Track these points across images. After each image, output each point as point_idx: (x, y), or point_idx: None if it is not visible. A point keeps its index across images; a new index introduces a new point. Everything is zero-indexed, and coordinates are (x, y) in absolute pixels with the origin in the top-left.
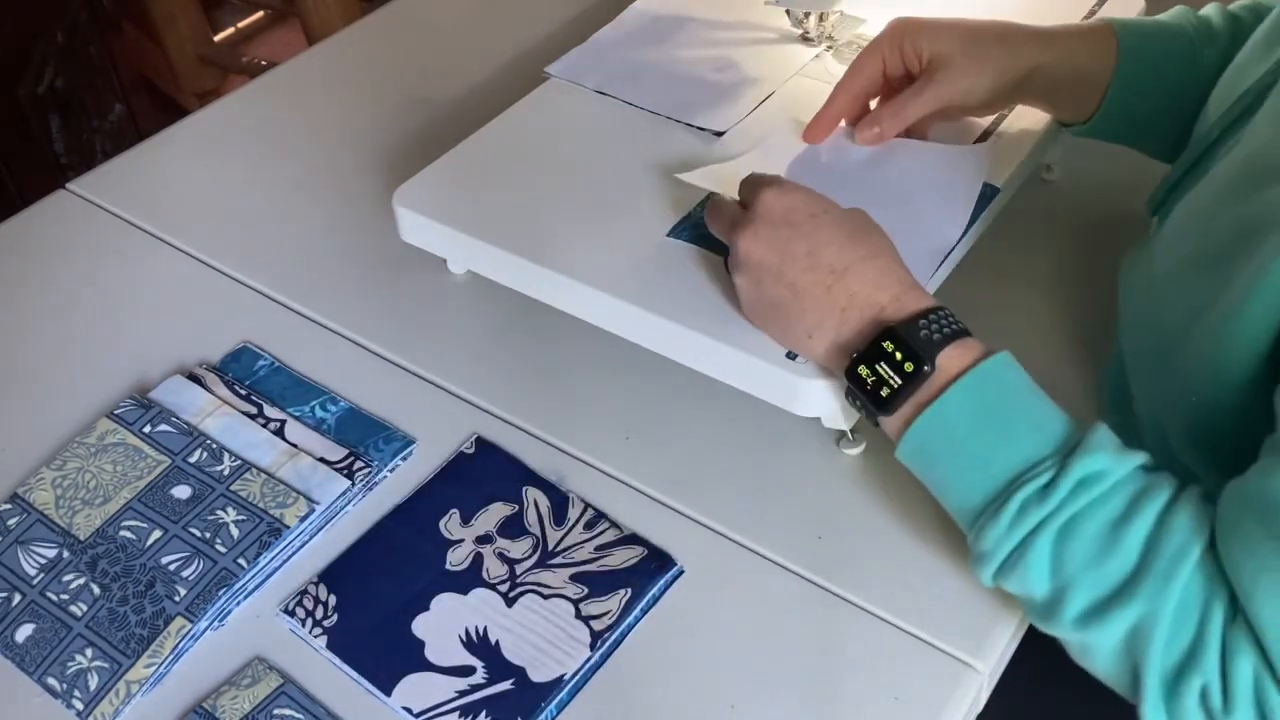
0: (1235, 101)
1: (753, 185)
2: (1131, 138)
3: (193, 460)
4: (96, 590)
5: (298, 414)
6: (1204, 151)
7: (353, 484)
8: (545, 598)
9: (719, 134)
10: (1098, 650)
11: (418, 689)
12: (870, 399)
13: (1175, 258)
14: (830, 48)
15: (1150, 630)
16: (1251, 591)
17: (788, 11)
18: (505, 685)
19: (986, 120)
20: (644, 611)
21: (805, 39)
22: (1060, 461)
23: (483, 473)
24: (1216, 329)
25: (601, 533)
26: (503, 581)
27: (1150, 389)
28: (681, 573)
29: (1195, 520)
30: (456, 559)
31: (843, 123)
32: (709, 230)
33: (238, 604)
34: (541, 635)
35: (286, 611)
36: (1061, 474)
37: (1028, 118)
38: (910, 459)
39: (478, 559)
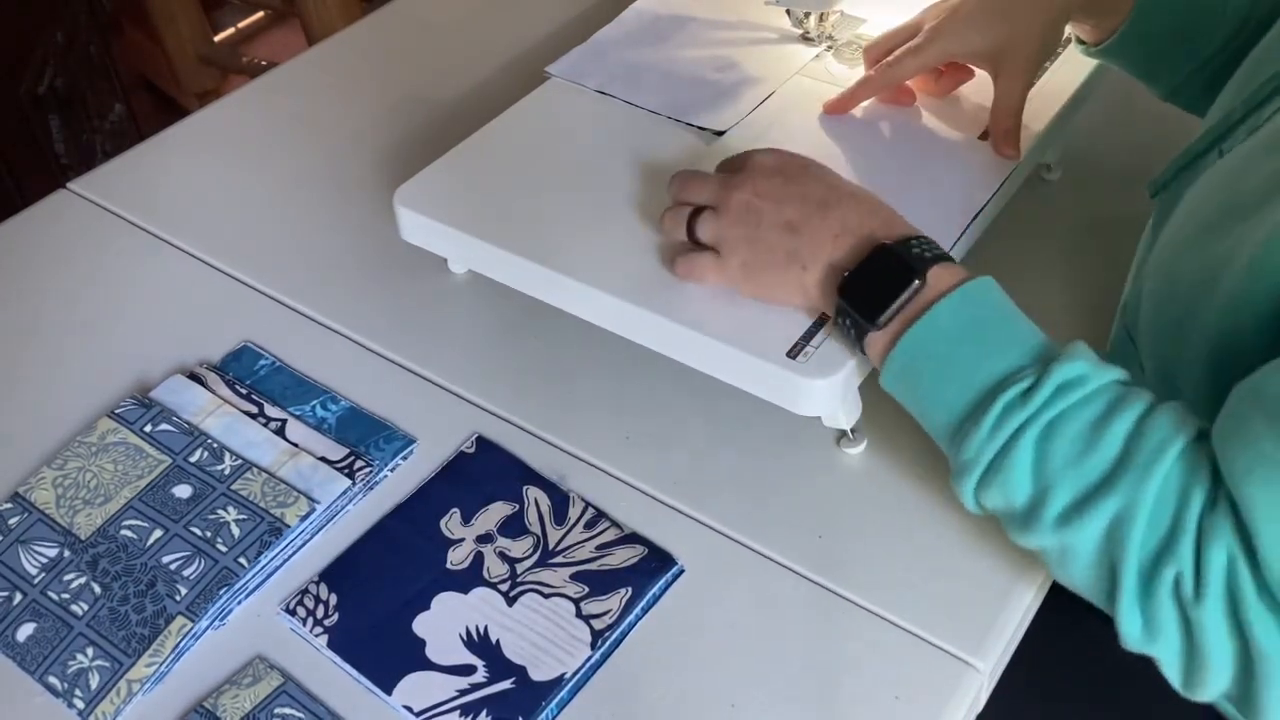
0: (1263, 85)
1: (737, 155)
2: (1143, 66)
3: (193, 460)
4: (97, 589)
5: (298, 413)
6: (1222, 134)
7: (353, 483)
8: (546, 597)
9: (719, 134)
10: (1077, 551)
11: (418, 688)
12: (861, 313)
13: (1196, 222)
14: (830, 48)
15: (1128, 522)
16: (1245, 477)
17: (788, 11)
18: (506, 684)
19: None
20: (644, 611)
21: (805, 39)
22: (1041, 368)
23: (483, 472)
24: (1249, 266)
25: (602, 532)
26: (503, 580)
27: (1164, 357)
28: (682, 572)
29: (1176, 420)
30: (457, 558)
31: (854, 111)
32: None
33: (239, 603)
34: (542, 634)
35: (287, 611)
36: (1043, 379)
37: (1036, 101)
38: (896, 377)
39: (478, 558)
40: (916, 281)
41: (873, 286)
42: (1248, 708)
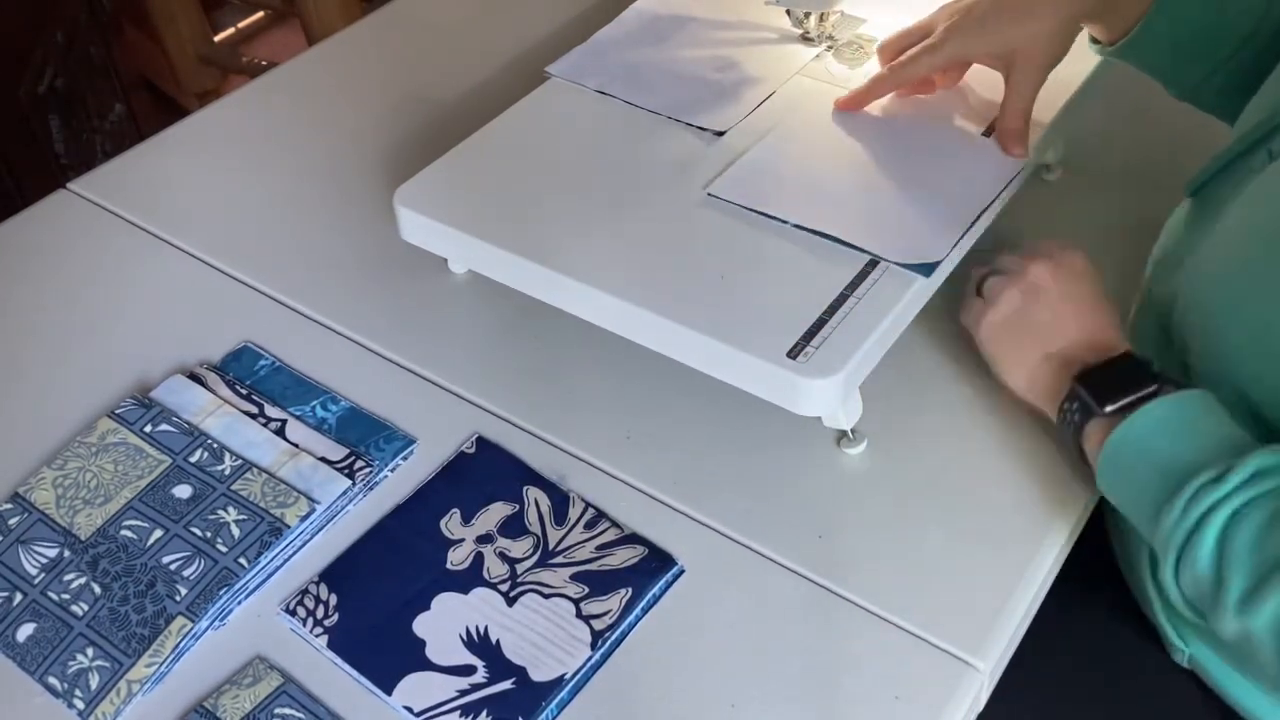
0: None
1: (1045, 244)
2: (1158, 67)
3: (194, 460)
4: (97, 590)
5: (298, 413)
6: (1267, 134)
7: (353, 483)
8: (546, 597)
9: (719, 134)
10: (1257, 635)
11: (418, 688)
12: (1094, 397)
13: (1262, 234)
14: (830, 48)
15: None
16: None
17: (788, 11)
18: (506, 684)
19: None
20: (644, 611)
21: (805, 39)
22: (1236, 459)
23: (483, 472)
24: None
25: (602, 532)
26: (503, 581)
27: (1221, 356)
28: (682, 572)
29: None
30: (457, 558)
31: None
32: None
33: (239, 603)
34: (542, 634)
35: (287, 611)
36: (1235, 466)
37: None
38: (1108, 466)
39: (478, 558)
40: (1156, 385)
41: (1114, 382)
42: None
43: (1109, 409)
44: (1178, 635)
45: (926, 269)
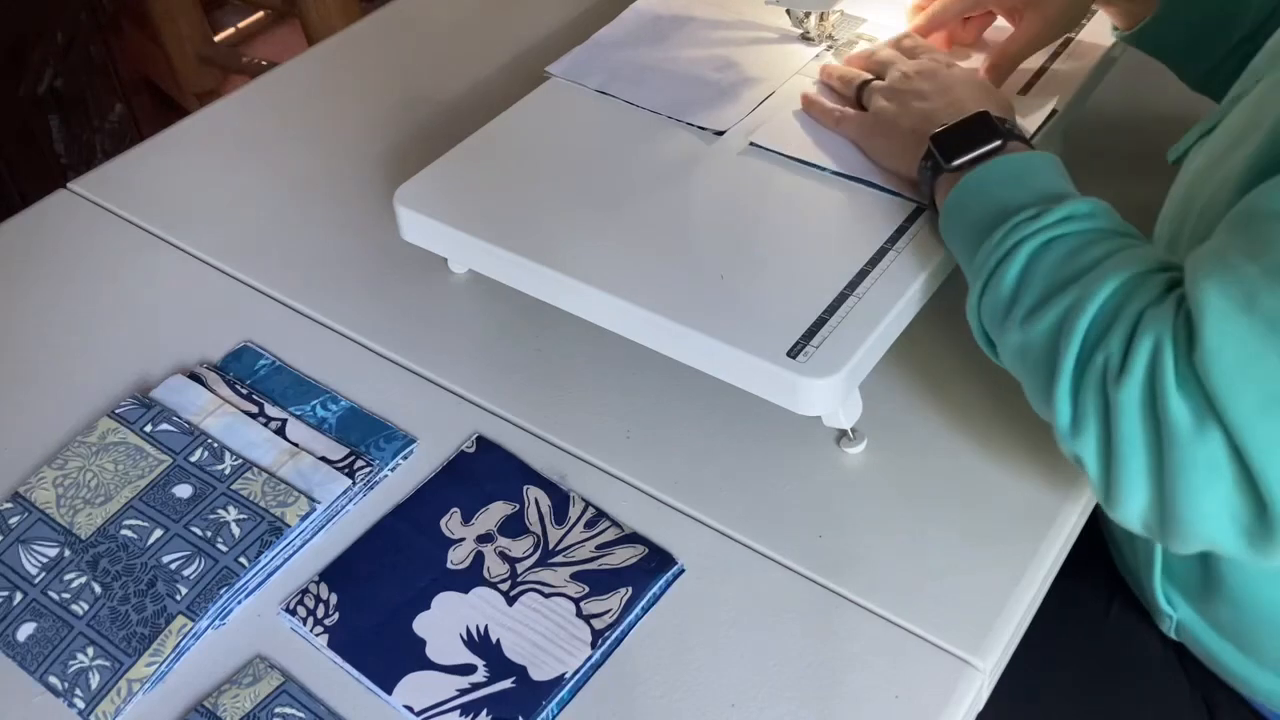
0: None
1: (922, 44)
2: (1176, 53)
3: (194, 459)
4: (98, 589)
5: (299, 413)
6: (1240, 96)
7: (354, 483)
8: (546, 596)
9: (719, 134)
10: (1033, 346)
11: (419, 687)
12: (942, 155)
13: (1217, 150)
14: (831, 48)
15: (1078, 313)
16: (1204, 279)
17: (788, 11)
18: (506, 684)
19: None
20: (645, 610)
21: (805, 39)
22: (1057, 202)
23: (484, 472)
24: (1271, 129)
25: (602, 531)
26: (504, 580)
27: None
28: (682, 571)
29: (1155, 254)
30: (457, 558)
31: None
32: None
33: (239, 603)
34: (542, 634)
35: (288, 610)
36: (1054, 207)
37: (1041, 95)
38: (947, 215)
39: (479, 558)
40: (999, 142)
41: (960, 139)
42: (1163, 515)
43: (955, 163)
44: (1167, 601)
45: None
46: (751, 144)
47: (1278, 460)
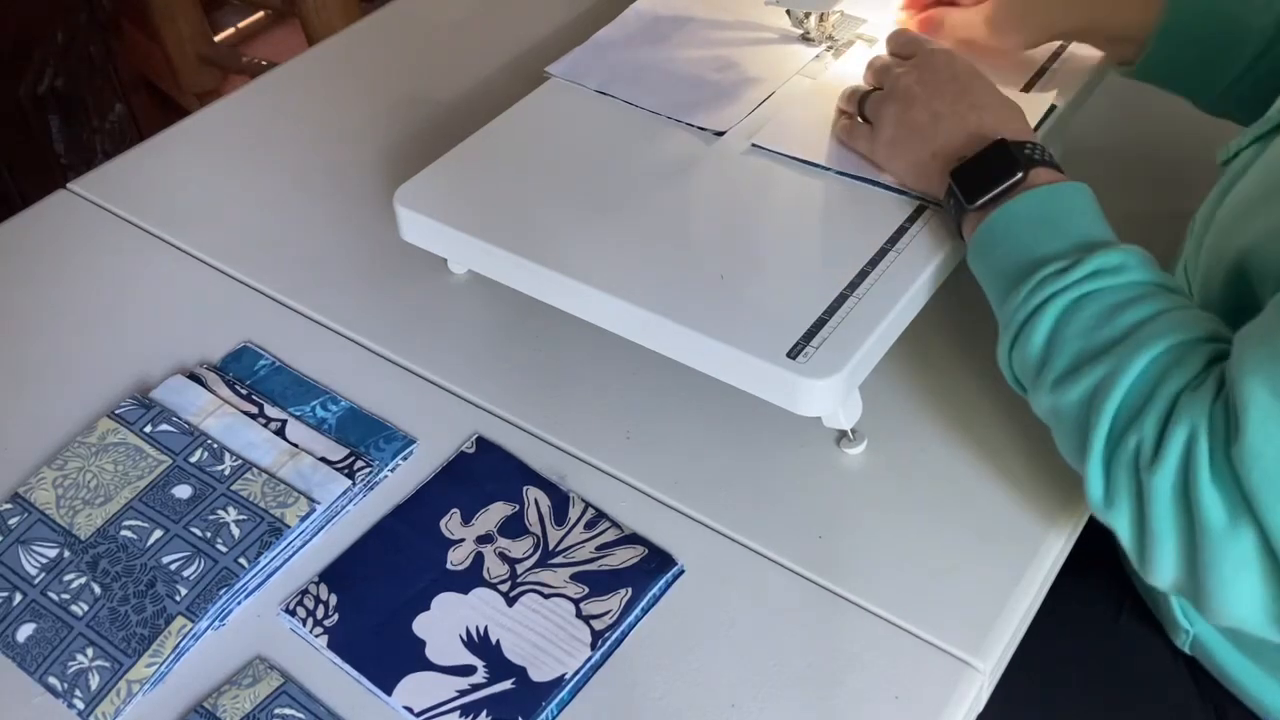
0: None
1: (914, 40)
2: (1176, 86)
3: (194, 460)
4: (97, 590)
5: (298, 414)
6: None
7: (353, 483)
8: (546, 597)
9: (719, 134)
10: (1064, 414)
11: (418, 688)
12: (964, 194)
13: (1269, 182)
14: (831, 48)
15: (1109, 387)
16: (1252, 370)
17: (788, 11)
18: (506, 685)
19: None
20: (644, 611)
21: (805, 39)
22: (1086, 253)
23: (483, 472)
24: None
25: (602, 532)
26: (503, 581)
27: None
28: (682, 572)
29: (1194, 318)
30: (457, 558)
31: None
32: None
33: (239, 603)
34: (542, 635)
35: (287, 611)
36: (1083, 260)
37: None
38: (975, 253)
39: (478, 558)
40: (1019, 174)
41: (980, 173)
42: (1194, 592)
43: (977, 204)
44: (1184, 616)
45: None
46: (753, 145)
47: None
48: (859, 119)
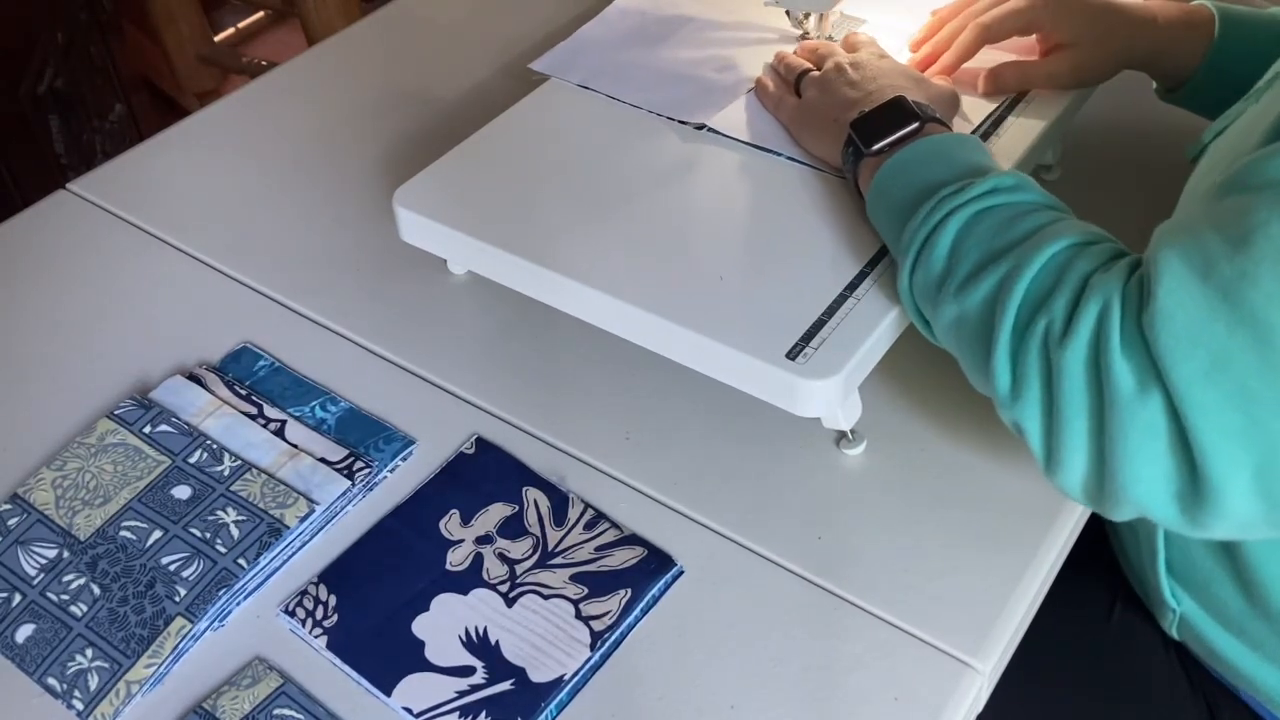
0: None
1: (822, 49)
2: (1214, 114)
3: (193, 460)
4: (97, 590)
5: (298, 414)
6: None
7: (353, 484)
8: (545, 598)
9: (699, 128)
10: (969, 317)
11: (418, 689)
12: (861, 140)
13: (1224, 157)
14: None
15: (1012, 280)
16: (1169, 243)
17: (787, 12)
18: (505, 685)
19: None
20: (644, 611)
21: (805, 39)
22: (981, 175)
23: (483, 473)
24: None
25: (601, 533)
26: (503, 582)
27: None
28: (681, 573)
29: (1095, 234)
30: (456, 559)
31: None
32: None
33: (238, 604)
34: (541, 635)
35: (287, 612)
36: (980, 180)
37: (1036, 101)
38: (873, 199)
39: (478, 559)
40: (916, 124)
41: (879, 124)
42: (1100, 479)
43: (875, 147)
44: (1172, 595)
45: None
46: (708, 129)
47: (1214, 427)
48: (790, 94)
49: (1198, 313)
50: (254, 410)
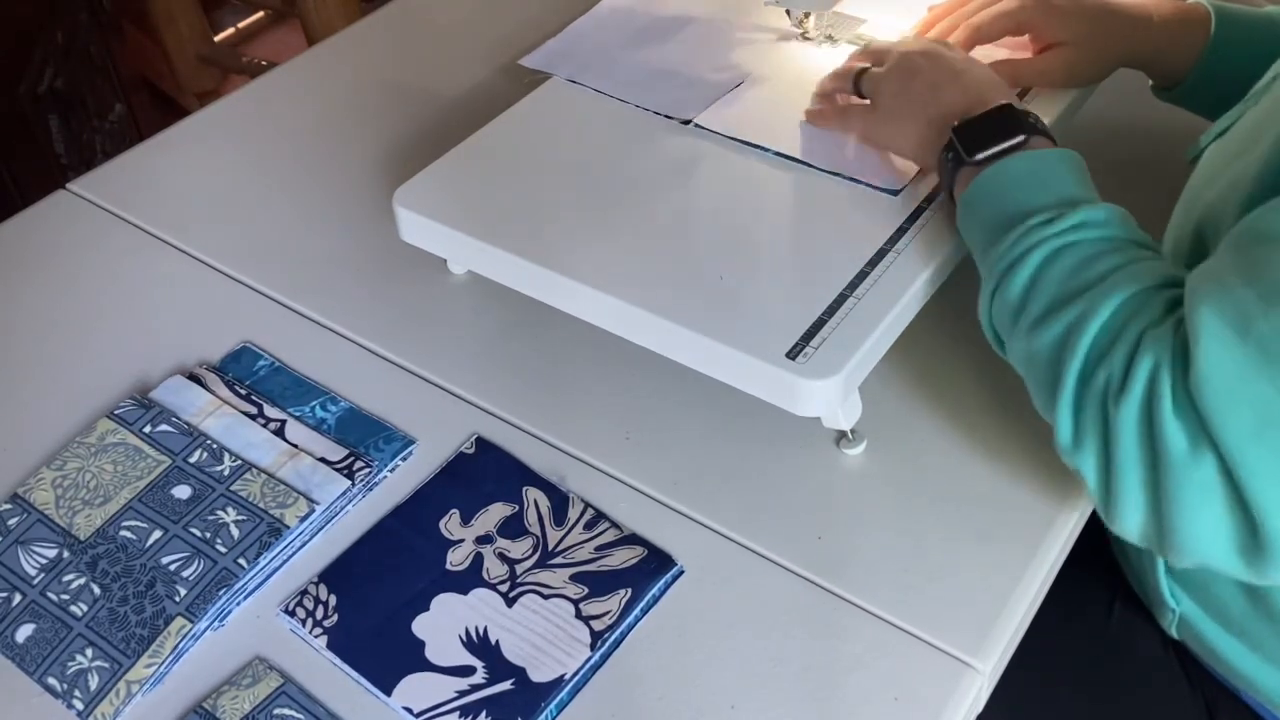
0: None
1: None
2: (1211, 113)
3: (193, 460)
4: (97, 590)
5: (298, 414)
6: (1257, 99)
7: (353, 484)
8: (545, 598)
9: (685, 123)
10: (1038, 358)
11: (418, 689)
12: (964, 147)
13: (1224, 155)
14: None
15: (1081, 329)
16: (1201, 299)
17: (787, 11)
18: (505, 685)
19: None
20: (644, 611)
21: (805, 39)
22: (1072, 207)
23: (483, 473)
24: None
25: (601, 533)
26: (503, 581)
27: None
28: (681, 573)
29: (1165, 268)
30: (457, 559)
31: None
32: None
33: (238, 604)
34: (542, 635)
35: (287, 611)
36: (1068, 214)
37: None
38: (963, 210)
39: (478, 559)
40: (1022, 137)
41: (984, 131)
42: (1159, 531)
43: (978, 157)
44: (1171, 595)
45: (893, 191)
46: (696, 125)
47: (1269, 485)
48: (853, 97)
49: (1239, 371)
50: (254, 410)
